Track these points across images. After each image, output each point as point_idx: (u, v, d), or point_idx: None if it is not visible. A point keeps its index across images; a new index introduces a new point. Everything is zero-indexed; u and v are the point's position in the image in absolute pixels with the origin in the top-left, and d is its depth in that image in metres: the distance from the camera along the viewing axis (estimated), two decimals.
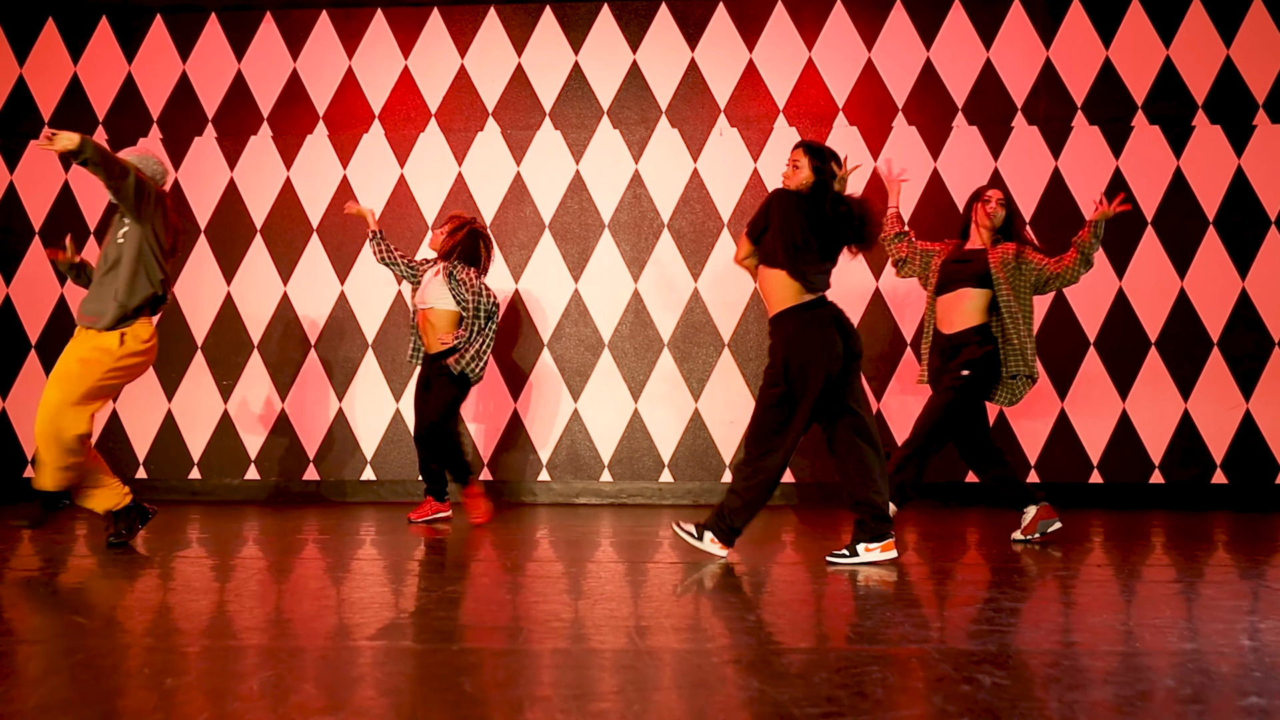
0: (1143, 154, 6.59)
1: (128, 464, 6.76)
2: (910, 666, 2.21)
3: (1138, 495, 6.42)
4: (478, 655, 2.34)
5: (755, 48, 6.81)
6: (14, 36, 7.06)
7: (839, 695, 1.95)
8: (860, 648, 2.39)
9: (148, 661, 2.27)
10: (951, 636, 2.55)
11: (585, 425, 6.66)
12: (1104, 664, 2.24)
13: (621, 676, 2.14)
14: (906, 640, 2.47)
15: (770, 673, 2.14)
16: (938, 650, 2.36)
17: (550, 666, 2.24)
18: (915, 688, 2.05)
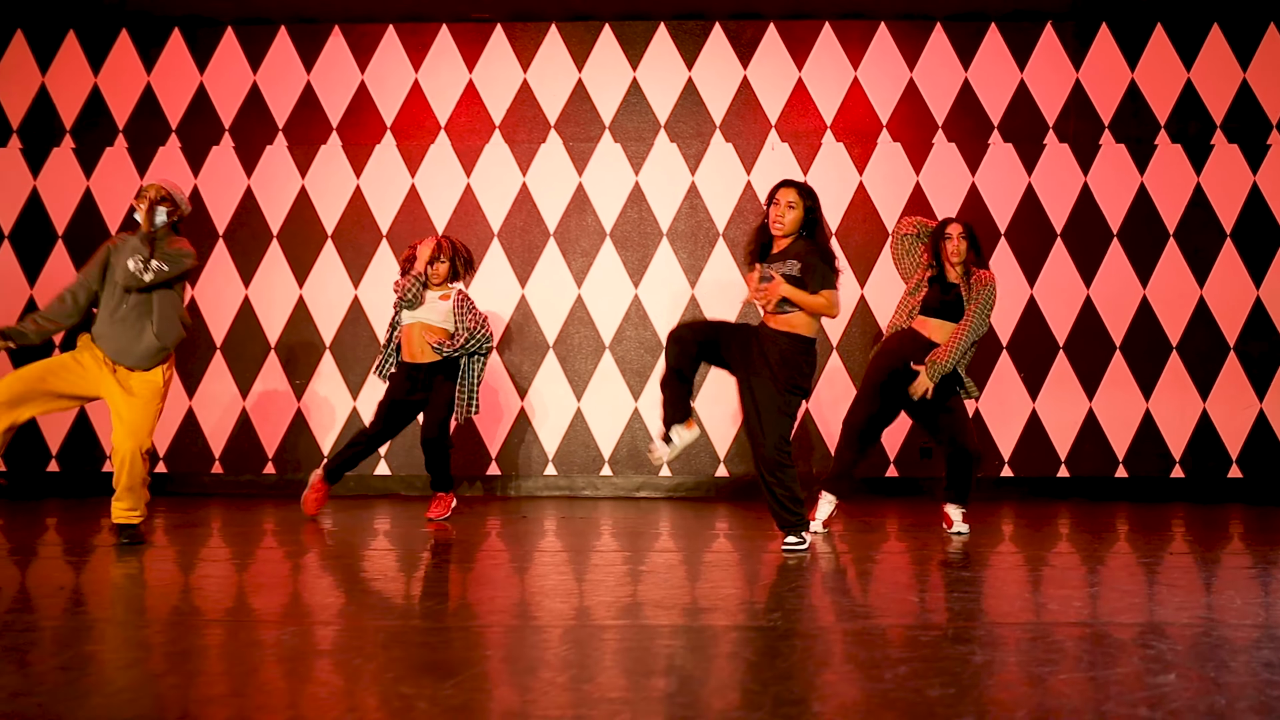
0: (1165, 171, 7.06)
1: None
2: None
3: (1159, 489, 6.91)
4: (729, 632, 2.73)
5: (804, 67, 7.20)
6: (88, 47, 7.30)
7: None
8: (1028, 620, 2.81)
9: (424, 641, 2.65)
10: (1105, 611, 2.97)
11: (645, 424, 7.05)
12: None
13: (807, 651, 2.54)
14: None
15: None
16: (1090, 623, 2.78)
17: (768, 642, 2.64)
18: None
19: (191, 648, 2.60)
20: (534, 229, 7.16)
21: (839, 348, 7.07)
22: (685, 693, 2.17)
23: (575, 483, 7.07)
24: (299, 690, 2.22)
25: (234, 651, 2.58)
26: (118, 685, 2.25)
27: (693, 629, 2.83)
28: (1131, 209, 7.06)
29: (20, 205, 7.24)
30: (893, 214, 7.05)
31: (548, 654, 2.54)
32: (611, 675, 2.33)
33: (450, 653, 2.53)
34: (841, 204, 7.11)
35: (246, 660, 2.49)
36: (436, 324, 5.62)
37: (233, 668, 2.43)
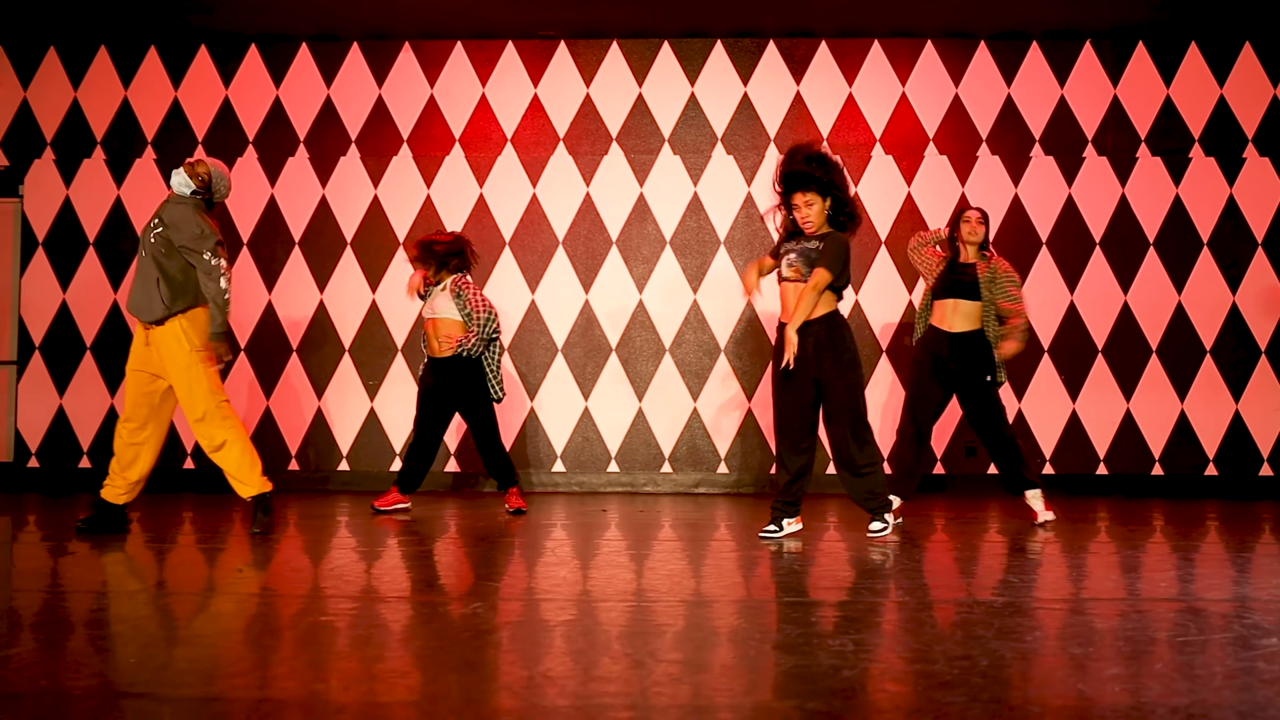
0: (1200, 183, 7.41)
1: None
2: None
3: (1192, 486, 7.26)
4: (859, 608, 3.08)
5: (854, 83, 7.55)
6: (168, 63, 7.65)
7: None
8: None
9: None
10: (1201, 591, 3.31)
11: (704, 423, 7.40)
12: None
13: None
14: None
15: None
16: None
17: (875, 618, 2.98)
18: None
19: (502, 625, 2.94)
20: (597, 237, 7.50)
21: (887, 352, 7.41)
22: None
23: (637, 479, 7.41)
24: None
25: (580, 630, 2.92)
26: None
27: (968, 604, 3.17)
28: (1167, 219, 7.41)
29: (104, 214, 7.58)
30: (939, 223, 7.39)
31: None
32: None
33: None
34: (890, 214, 7.45)
35: (593, 636, 2.83)
36: (444, 316, 5.95)
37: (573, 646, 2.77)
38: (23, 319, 7.58)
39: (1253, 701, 2.11)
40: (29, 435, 7.55)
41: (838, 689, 2.18)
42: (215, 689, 2.20)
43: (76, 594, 3.37)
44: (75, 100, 7.67)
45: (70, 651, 2.52)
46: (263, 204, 7.56)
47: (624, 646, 2.60)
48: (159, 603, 3.26)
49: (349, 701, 2.09)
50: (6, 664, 2.36)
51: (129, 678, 2.29)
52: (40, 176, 7.64)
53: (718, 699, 2.11)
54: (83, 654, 2.52)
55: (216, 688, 2.21)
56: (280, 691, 2.17)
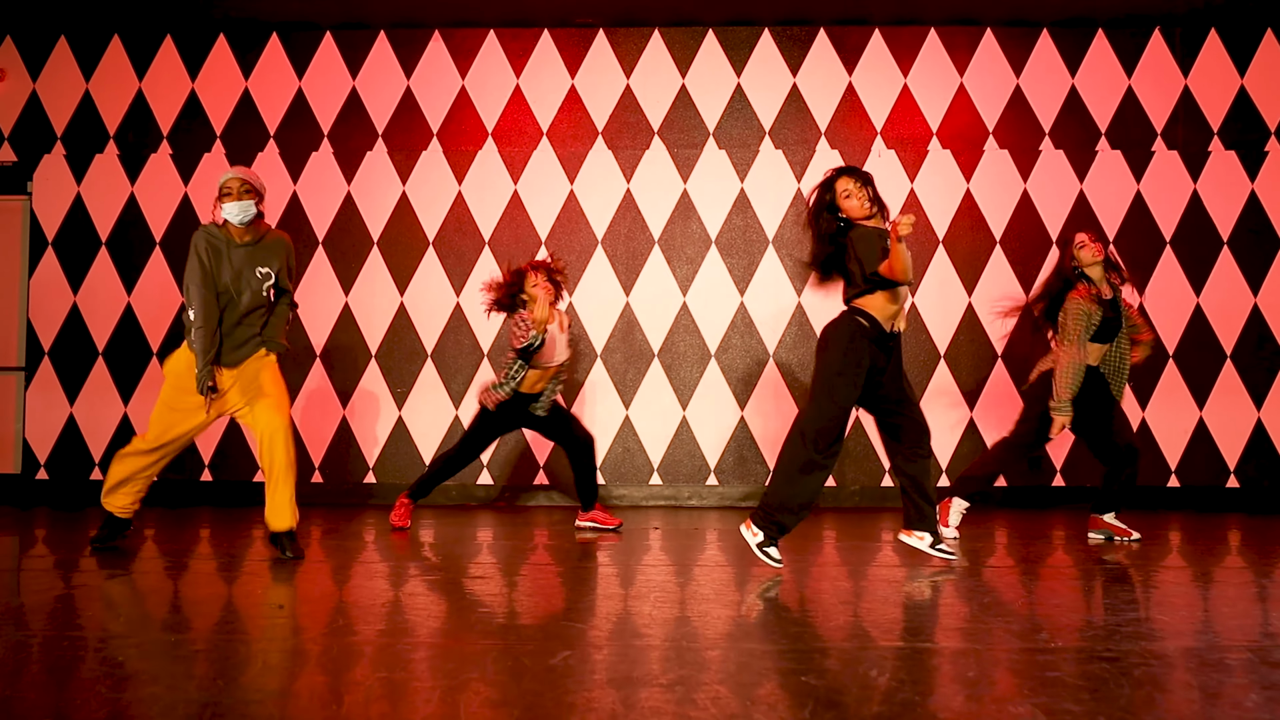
0: (1276, 177, 7.00)
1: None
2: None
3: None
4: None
5: (909, 73, 7.15)
6: (185, 53, 7.25)
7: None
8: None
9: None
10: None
11: (751, 433, 6.98)
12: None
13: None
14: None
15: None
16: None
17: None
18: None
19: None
20: (638, 236, 7.10)
21: (946, 355, 7.00)
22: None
23: (680, 492, 7.00)
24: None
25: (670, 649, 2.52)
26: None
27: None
28: (1242, 216, 7.00)
29: (118, 211, 7.18)
30: (1001, 222, 7.00)
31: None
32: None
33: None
34: (949, 212, 7.05)
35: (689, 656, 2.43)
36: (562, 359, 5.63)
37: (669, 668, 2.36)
38: (31, 323, 7.18)
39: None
40: (37, 446, 7.15)
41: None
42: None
43: (117, 639, 2.96)
44: (87, 92, 7.28)
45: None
46: (285, 201, 7.16)
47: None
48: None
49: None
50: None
51: None
52: (50, 173, 7.25)
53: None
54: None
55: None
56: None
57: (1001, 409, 6.89)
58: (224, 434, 7.08)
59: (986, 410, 6.95)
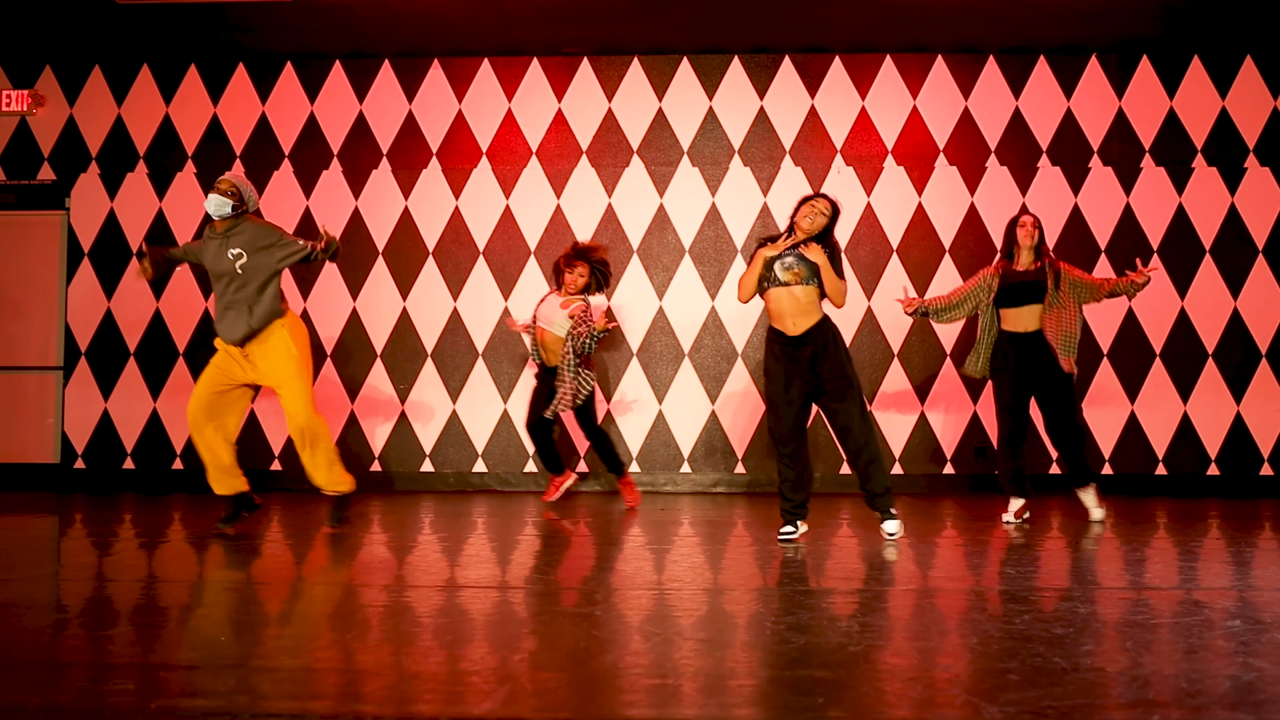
0: (1202, 192, 7.65)
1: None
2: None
3: (1195, 485, 7.51)
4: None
5: (867, 96, 7.83)
6: (208, 80, 7.99)
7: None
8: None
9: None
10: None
11: (721, 425, 7.69)
12: None
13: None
14: None
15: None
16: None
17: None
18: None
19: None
20: (619, 246, 7.80)
21: (899, 355, 7.68)
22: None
23: (657, 479, 7.71)
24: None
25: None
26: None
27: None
28: (1170, 228, 7.65)
29: (147, 225, 7.93)
30: (950, 232, 7.68)
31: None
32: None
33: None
34: (902, 223, 7.73)
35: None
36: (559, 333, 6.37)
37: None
38: (69, 326, 7.93)
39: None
40: (75, 437, 7.90)
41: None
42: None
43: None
44: (119, 117, 8.02)
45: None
46: (298, 216, 7.89)
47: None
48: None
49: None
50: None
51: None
52: (86, 190, 8.00)
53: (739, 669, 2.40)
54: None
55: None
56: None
57: (951, 403, 7.58)
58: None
59: (936, 405, 7.63)
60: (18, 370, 8.02)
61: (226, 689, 2.28)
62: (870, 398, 7.62)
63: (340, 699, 2.23)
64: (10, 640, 2.78)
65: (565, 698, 2.22)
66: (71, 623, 3.03)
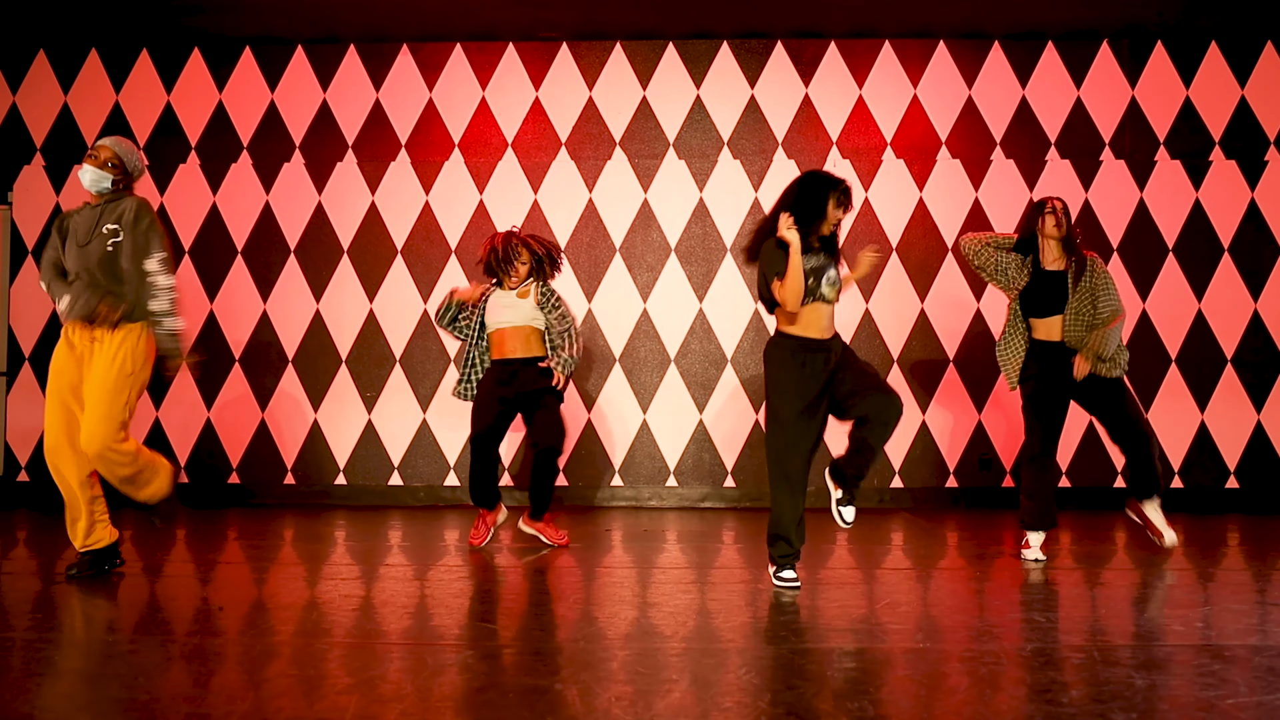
0: (1220, 186, 7.20)
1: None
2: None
3: (1213, 499, 7.06)
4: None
5: (865, 84, 7.35)
6: (160, 67, 7.47)
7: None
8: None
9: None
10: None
11: (710, 436, 7.20)
12: None
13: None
14: None
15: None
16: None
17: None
18: None
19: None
20: (600, 244, 7.30)
21: (899, 361, 7.20)
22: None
23: (641, 493, 7.21)
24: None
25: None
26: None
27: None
28: (1186, 224, 7.20)
29: None
30: (952, 229, 7.20)
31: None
32: None
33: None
34: (902, 220, 7.25)
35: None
36: (522, 325, 5.30)
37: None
38: (12, 329, 7.39)
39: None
40: (19, 448, 7.37)
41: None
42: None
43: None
44: (65, 105, 7.49)
45: None
46: (257, 211, 7.38)
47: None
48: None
49: None
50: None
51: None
52: (29, 183, 7.46)
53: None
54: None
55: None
56: None
57: (955, 411, 7.10)
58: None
59: (938, 413, 7.15)
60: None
61: None
62: None
63: None
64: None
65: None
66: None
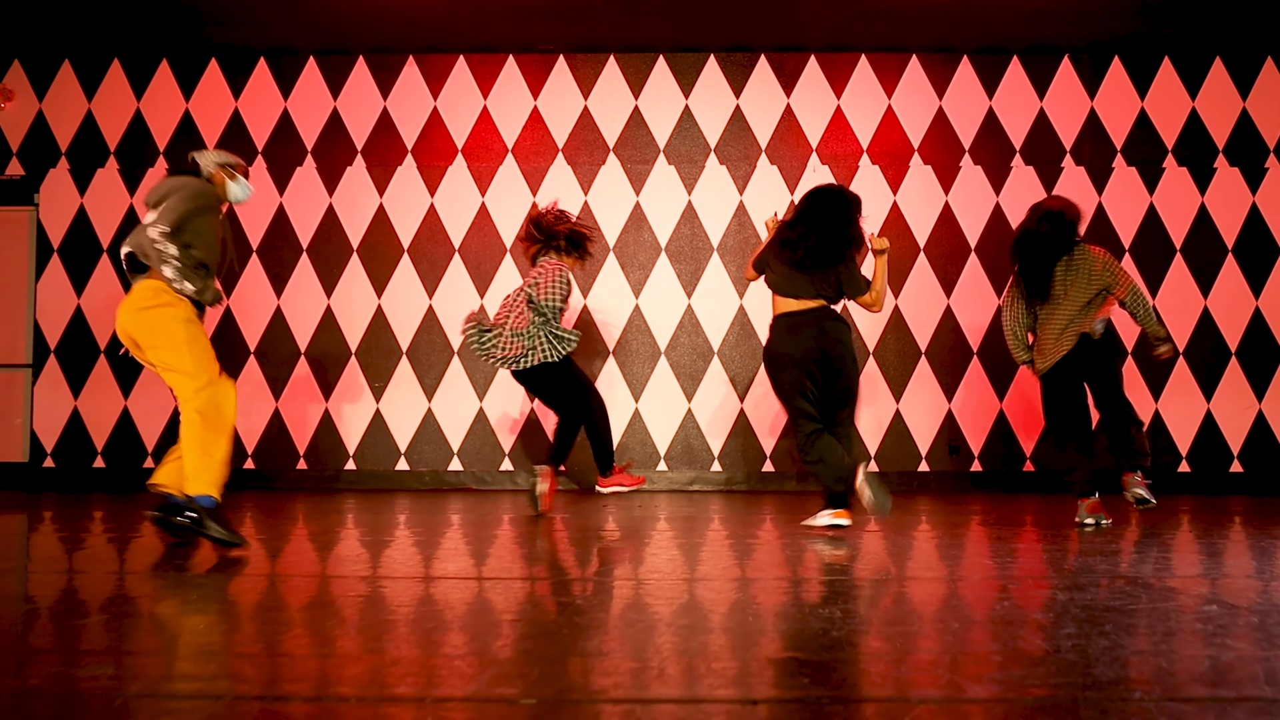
0: (1173, 192, 7.74)
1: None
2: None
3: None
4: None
5: (843, 95, 7.86)
6: (180, 76, 7.92)
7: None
8: None
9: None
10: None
11: (698, 423, 7.69)
12: None
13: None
14: None
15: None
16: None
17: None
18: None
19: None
20: (595, 244, 7.76)
21: (874, 353, 7.70)
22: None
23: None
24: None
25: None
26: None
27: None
28: (1142, 227, 7.73)
29: (118, 221, 7.84)
30: (925, 231, 7.72)
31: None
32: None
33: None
34: (877, 222, 7.76)
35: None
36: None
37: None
38: (38, 323, 7.83)
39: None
40: (44, 436, 7.80)
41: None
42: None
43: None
44: (89, 112, 7.93)
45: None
46: (271, 212, 7.83)
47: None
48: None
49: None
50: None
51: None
52: (55, 186, 7.90)
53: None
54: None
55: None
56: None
57: (927, 401, 7.62)
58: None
59: (911, 402, 7.66)
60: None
61: (206, 674, 2.24)
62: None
63: (320, 683, 2.20)
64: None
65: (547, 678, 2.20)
66: (42, 613, 2.99)
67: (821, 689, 2.12)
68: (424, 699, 2.04)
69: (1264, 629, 2.71)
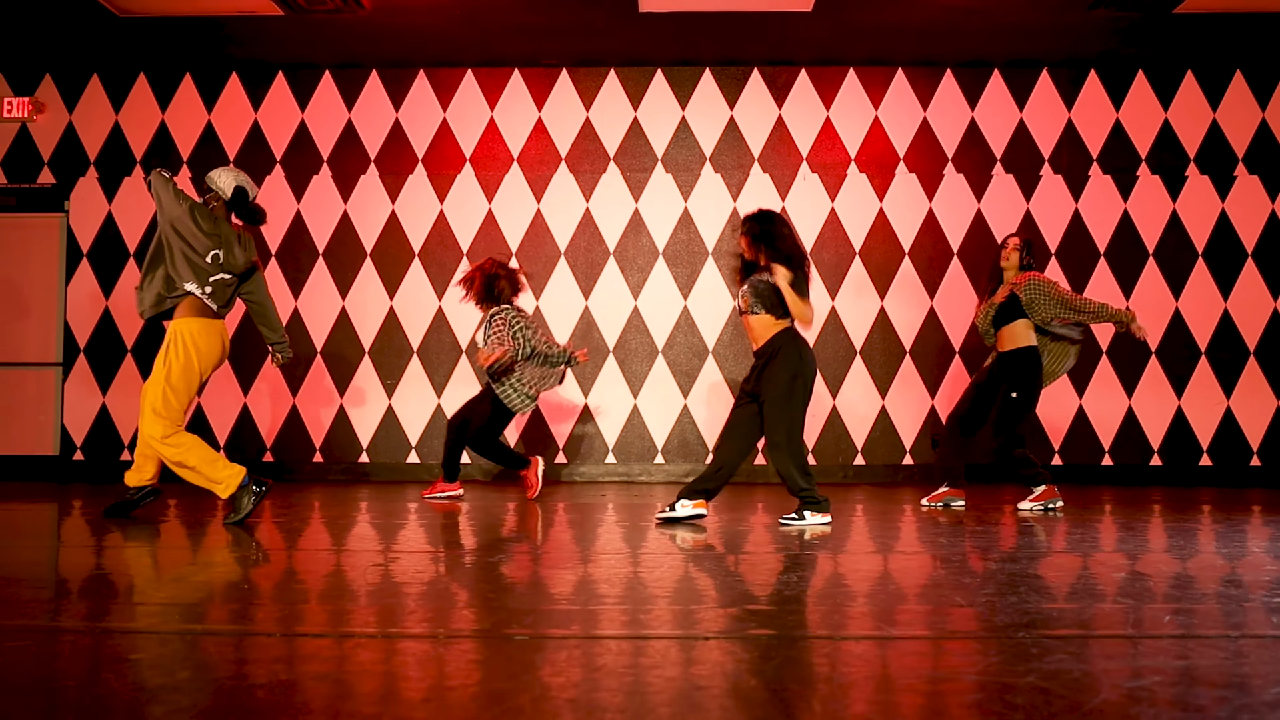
0: (1146, 199, 8.13)
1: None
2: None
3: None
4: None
5: (831, 107, 8.27)
6: (202, 89, 8.35)
7: None
8: None
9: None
10: None
11: (694, 419, 8.10)
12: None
13: None
14: None
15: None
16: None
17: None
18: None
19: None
20: (596, 248, 8.21)
21: (861, 353, 8.10)
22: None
23: (632, 469, 8.11)
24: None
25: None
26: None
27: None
28: (1116, 232, 8.12)
29: (144, 227, 8.27)
30: (909, 236, 8.12)
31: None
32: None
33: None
34: (864, 228, 8.17)
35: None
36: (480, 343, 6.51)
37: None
38: (68, 324, 8.27)
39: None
40: (74, 430, 8.24)
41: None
42: None
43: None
44: (116, 123, 8.37)
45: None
46: (289, 219, 8.26)
47: None
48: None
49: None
50: None
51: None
52: (84, 193, 8.34)
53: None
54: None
55: None
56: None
57: (910, 398, 8.02)
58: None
59: (896, 399, 8.07)
60: (18, 366, 8.35)
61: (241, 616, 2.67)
62: (834, 392, 8.05)
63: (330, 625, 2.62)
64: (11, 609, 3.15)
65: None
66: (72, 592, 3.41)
67: (768, 629, 2.54)
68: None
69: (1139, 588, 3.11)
